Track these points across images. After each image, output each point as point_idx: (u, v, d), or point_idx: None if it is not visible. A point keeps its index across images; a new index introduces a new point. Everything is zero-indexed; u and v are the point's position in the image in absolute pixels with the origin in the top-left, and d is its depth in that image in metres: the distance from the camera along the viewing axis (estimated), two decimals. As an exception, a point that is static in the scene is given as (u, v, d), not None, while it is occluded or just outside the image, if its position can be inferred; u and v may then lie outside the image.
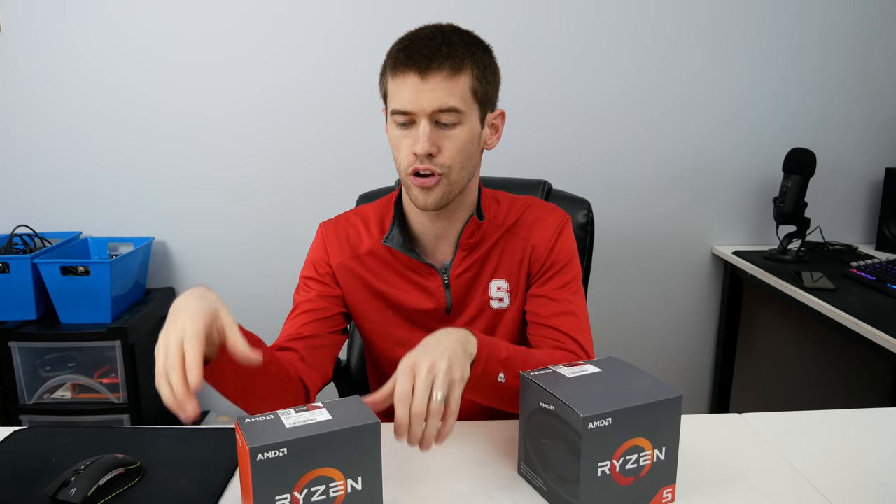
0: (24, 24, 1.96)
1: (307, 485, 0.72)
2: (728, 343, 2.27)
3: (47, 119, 2.02)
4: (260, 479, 0.70)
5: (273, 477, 0.71)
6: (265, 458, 0.70)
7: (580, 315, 1.09)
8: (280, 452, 0.70)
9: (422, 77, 0.95)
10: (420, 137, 0.96)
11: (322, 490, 0.73)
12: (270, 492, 0.71)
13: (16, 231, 1.98)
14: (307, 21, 2.00)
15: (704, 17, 2.08)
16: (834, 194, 2.23)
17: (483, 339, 0.91)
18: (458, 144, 0.99)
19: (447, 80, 0.96)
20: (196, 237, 2.12)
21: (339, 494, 0.74)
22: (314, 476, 0.72)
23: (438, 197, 1.00)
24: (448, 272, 1.10)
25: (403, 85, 0.96)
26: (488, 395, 0.94)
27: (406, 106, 0.97)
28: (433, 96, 0.95)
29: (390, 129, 1.01)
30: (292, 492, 0.72)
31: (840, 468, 0.91)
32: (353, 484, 0.74)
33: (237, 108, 2.04)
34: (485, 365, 0.90)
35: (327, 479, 0.73)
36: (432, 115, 0.96)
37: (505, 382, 0.91)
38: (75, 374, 1.89)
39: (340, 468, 0.74)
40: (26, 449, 0.96)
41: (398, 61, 0.97)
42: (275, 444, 0.70)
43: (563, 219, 1.13)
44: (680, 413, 0.82)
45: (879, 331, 1.46)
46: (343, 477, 0.74)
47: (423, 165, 0.98)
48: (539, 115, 2.08)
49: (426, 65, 0.95)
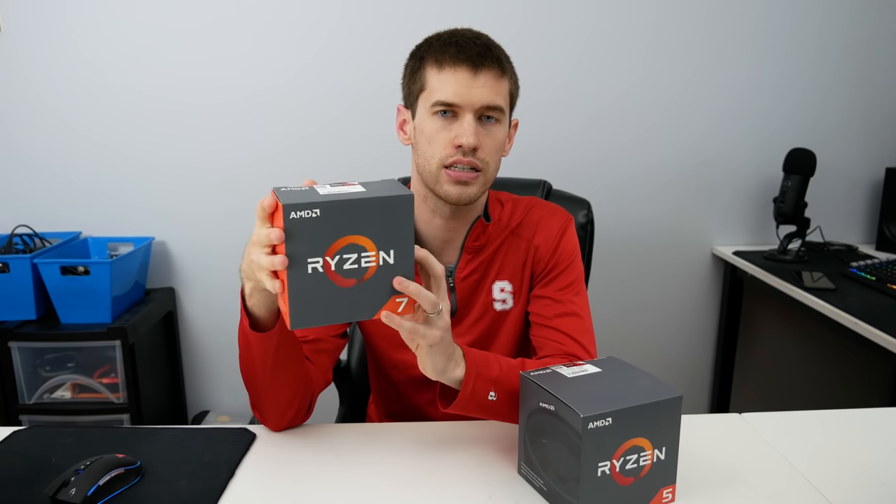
0: (23, 24, 1.96)
1: (339, 251, 0.72)
2: (728, 343, 2.27)
3: (47, 119, 2.02)
4: (293, 240, 0.70)
5: (306, 238, 0.70)
6: (298, 216, 0.69)
7: (583, 316, 1.09)
8: (313, 213, 0.69)
9: (473, 73, 0.97)
10: (467, 130, 0.97)
11: (354, 258, 0.72)
12: (303, 254, 0.70)
13: (16, 231, 1.98)
14: (307, 20, 2.00)
15: (704, 17, 2.08)
16: (834, 194, 2.23)
17: (473, 359, 0.91)
18: (497, 143, 1.02)
19: (495, 79, 0.99)
20: (196, 237, 2.11)
21: (372, 265, 0.74)
22: (347, 243, 0.72)
23: (473, 193, 1.01)
24: (453, 275, 1.10)
25: (453, 78, 0.97)
26: (481, 412, 0.94)
27: (454, 98, 0.97)
28: (482, 92, 0.97)
29: (426, 121, 1.01)
30: (324, 256, 0.71)
31: (840, 468, 0.91)
32: (385, 257, 0.74)
33: (237, 108, 2.04)
34: (474, 385, 0.89)
35: (359, 248, 0.73)
36: (478, 111, 0.98)
37: (496, 400, 0.91)
38: (75, 374, 1.89)
39: (373, 238, 0.73)
40: (26, 449, 0.96)
41: (448, 54, 0.98)
42: (308, 203, 0.69)
43: (566, 220, 1.13)
44: (680, 413, 0.82)
45: (879, 331, 1.46)
46: (375, 248, 0.73)
47: (466, 159, 0.98)
48: (539, 115, 2.08)
49: (479, 61, 0.97)
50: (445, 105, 0.98)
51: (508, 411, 0.93)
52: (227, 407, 2.20)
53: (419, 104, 1.02)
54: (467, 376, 0.89)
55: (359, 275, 0.74)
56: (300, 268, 0.72)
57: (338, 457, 0.94)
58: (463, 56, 0.97)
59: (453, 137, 0.98)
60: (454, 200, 1.01)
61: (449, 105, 0.98)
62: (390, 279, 0.75)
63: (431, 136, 1.00)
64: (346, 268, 0.73)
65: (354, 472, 0.91)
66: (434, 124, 1.00)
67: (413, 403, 1.16)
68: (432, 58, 1.00)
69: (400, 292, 0.76)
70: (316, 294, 0.73)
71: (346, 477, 0.90)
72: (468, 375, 0.89)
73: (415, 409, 1.17)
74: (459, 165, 0.99)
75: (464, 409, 0.91)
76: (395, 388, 1.17)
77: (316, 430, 1.02)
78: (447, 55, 0.98)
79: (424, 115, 1.01)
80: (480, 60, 0.97)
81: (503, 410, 0.93)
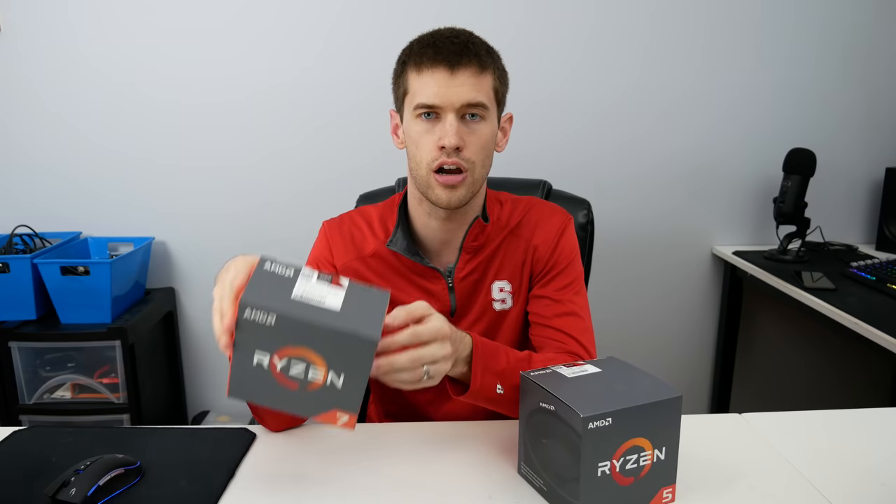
0: (23, 24, 1.96)
1: (288, 357, 0.69)
2: (728, 343, 2.27)
3: (47, 119, 2.02)
4: (243, 333, 0.68)
5: (256, 337, 0.68)
6: (252, 317, 0.67)
7: (583, 315, 1.09)
8: (269, 319, 0.67)
9: (451, 72, 0.97)
10: (448, 131, 0.97)
11: (302, 368, 0.70)
12: (251, 347, 0.68)
13: (16, 231, 1.98)
14: (307, 21, 2.00)
15: (704, 17, 2.08)
16: (834, 194, 2.23)
17: (482, 350, 0.91)
18: (482, 141, 1.01)
19: (475, 76, 0.98)
20: (196, 237, 2.11)
21: (318, 381, 0.70)
22: (297, 353, 0.69)
23: (462, 195, 1.01)
24: (452, 275, 1.10)
25: (431, 79, 0.97)
26: (489, 404, 0.95)
27: (434, 100, 0.97)
28: (461, 91, 0.97)
29: (411, 125, 1.01)
30: (272, 355, 0.69)
31: (840, 468, 0.91)
32: (334, 379, 0.71)
33: (237, 108, 2.04)
34: (482, 380, 0.90)
35: (309, 362, 0.70)
36: (459, 110, 0.98)
37: (504, 394, 0.92)
38: (75, 374, 1.89)
39: (326, 359, 0.70)
40: (26, 449, 0.96)
41: (425, 56, 0.98)
42: (267, 307, 0.67)
43: (566, 219, 1.13)
44: (680, 413, 0.82)
45: (879, 331, 1.46)
46: (326, 367, 0.70)
47: (450, 159, 0.98)
48: (539, 115, 2.08)
49: (456, 60, 0.97)
50: (426, 107, 0.98)
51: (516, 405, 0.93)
52: (227, 407, 2.20)
53: (405, 108, 1.02)
54: (474, 372, 0.90)
55: (303, 384, 0.71)
56: (245, 356, 0.69)
57: (338, 457, 0.94)
58: (440, 56, 0.97)
59: (437, 139, 0.98)
60: (444, 205, 1.01)
61: (430, 107, 0.98)
62: (334, 398, 0.72)
63: (417, 139, 1.00)
64: (291, 373, 0.70)
65: (354, 473, 0.91)
66: (418, 127, 1.00)
67: (413, 403, 1.16)
68: (412, 61, 1.00)
69: (342, 408, 0.73)
70: (257, 381, 0.71)
71: (346, 477, 0.90)
72: (475, 371, 0.90)
73: (415, 409, 1.17)
74: (446, 167, 0.99)
75: (473, 399, 0.92)
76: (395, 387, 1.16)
77: (316, 430, 1.02)
78: (425, 57, 0.98)
79: (410, 118, 1.01)
80: (457, 59, 0.97)
81: (512, 404, 0.93)
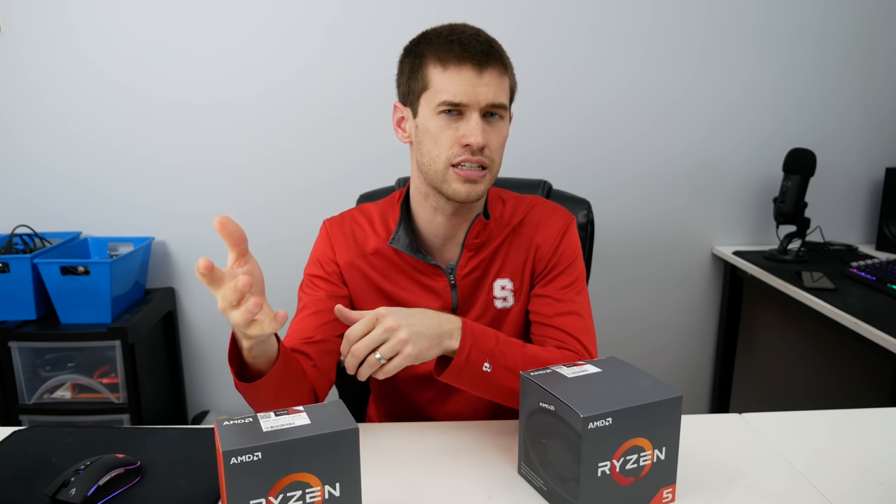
0: (23, 24, 1.96)
1: (283, 489, 0.71)
2: (728, 343, 2.27)
3: (47, 119, 2.02)
4: (234, 483, 0.69)
5: (247, 481, 0.70)
6: (239, 461, 0.69)
7: (584, 315, 1.09)
8: (254, 457, 0.69)
9: (478, 72, 0.98)
10: (475, 130, 0.98)
11: (298, 495, 0.72)
12: (245, 496, 0.70)
13: (16, 231, 1.98)
14: (307, 21, 2.00)
15: (704, 17, 2.08)
16: (834, 194, 2.23)
17: (471, 329, 0.93)
18: (501, 140, 1.03)
19: (499, 76, 1.00)
20: (196, 237, 2.11)
21: (317, 500, 0.73)
22: (290, 481, 0.71)
23: (481, 190, 1.02)
24: (454, 272, 1.10)
25: (458, 77, 0.98)
26: (476, 384, 0.95)
27: (460, 98, 0.98)
28: (488, 90, 0.98)
29: (430, 120, 1.00)
30: (267, 496, 0.71)
31: (840, 468, 0.91)
32: (331, 490, 0.73)
33: (237, 108, 2.04)
34: (469, 354, 0.92)
35: (304, 485, 0.72)
36: (483, 109, 0.99)
37: (491, 373, 0.93)
38: (75, 374, 1.89)
39: (317, 474, 0.72)
40: (26, 449, 0.96)
41: (451, 53, 0.98)
42: (249, 448, 0.69)
43: (568, 219, 1.14)
44: (680, 413, 0.82)
45: (879, 331, 1.46)
46: (320, 483, 0.73)
47: (474, 157, 0.99)
48: (539, 115, 2.08)
49: (484, 60, 0.98)
50: (452, 105, 0.98)
51: (506, 392, 0.94)
52: (227, 407, 2.20)
53: (421, 103, 1.01)
54: (461, 346, 0.91)
55: None
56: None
57: (338, 457, 0.94)
58: (468, 55, 0.97)
59: (460, 136, 0.99)
60: (462, 198, 1.01)
61: (456, 105, 0.98)
62: None
63: (437, 135, 1.00)
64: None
65: (354, 472, 0.91)
66: (439, 123, 1.00)
67: (413, 402, 1.16)
68: (434, 56, 0.99)
69: None
70: None
71: (346, 477, 0.89)
72: (462, 345, 0.91)
73: (415, 409, 1.17)
74: (468, 164, 0.99)
75: (458, 377, 0.93)
76: (396, 386, 1.17)
77: (316, 430, 1.02)
78: (451, 54, 0.98)
79: (429, 114, 1.00)
80: (485, 59, 0.98)
81: (500, 388, 0.94)
